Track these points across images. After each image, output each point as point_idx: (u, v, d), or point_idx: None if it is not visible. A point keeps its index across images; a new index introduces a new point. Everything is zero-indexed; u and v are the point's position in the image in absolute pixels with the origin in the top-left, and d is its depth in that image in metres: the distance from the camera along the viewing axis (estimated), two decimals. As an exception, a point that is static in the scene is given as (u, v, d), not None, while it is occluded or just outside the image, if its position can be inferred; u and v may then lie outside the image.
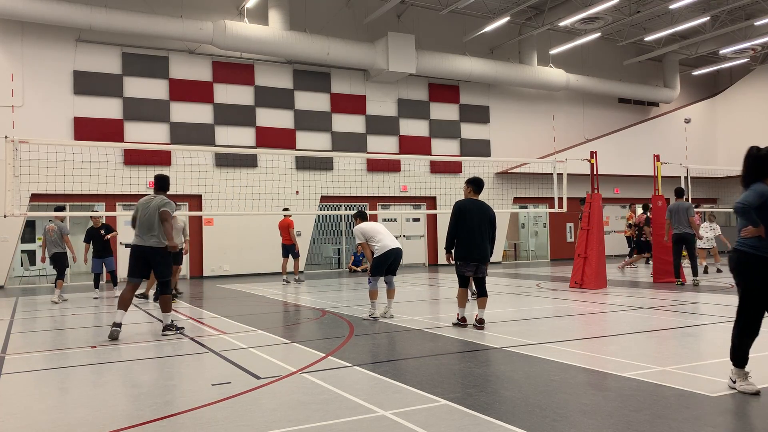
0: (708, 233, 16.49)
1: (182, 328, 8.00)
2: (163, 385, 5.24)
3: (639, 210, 17.68)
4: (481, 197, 8.09)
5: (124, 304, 7.67)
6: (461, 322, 7.89)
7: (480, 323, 7.77)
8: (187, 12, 18.66)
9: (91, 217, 13.05)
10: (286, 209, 16.12)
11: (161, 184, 8.16)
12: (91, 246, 12.71)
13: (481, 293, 7.98)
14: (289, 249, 15.54)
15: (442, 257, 22.57)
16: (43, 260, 12.38)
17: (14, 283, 17.67)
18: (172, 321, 7.95)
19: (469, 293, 9.67)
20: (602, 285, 12.53)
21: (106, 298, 12.67)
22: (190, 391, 4.94)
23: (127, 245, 7.85)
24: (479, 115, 23.75)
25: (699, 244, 15.37)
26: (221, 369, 5.79)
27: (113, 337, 7.45)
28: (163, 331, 7.78)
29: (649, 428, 3.77)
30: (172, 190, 18.35)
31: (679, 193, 13.08)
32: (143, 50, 18.50)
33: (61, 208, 12.89)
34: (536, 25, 23.00)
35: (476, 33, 22.44)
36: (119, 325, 7.57)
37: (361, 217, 9.24)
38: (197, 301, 12.05)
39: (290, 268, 16.51)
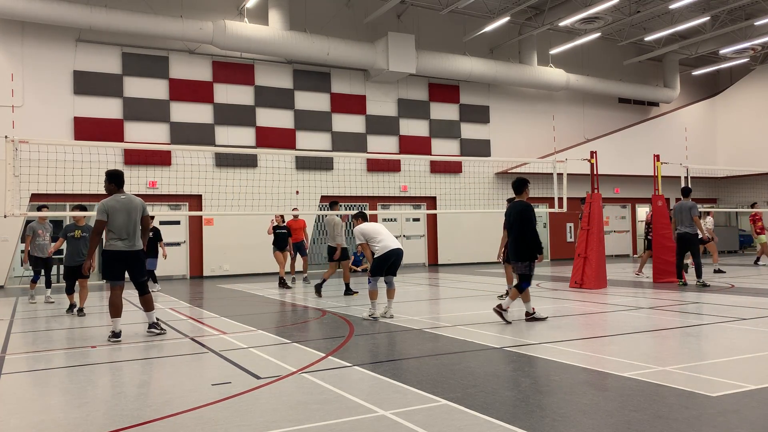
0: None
1: (164, 331, 7.81)
2: (163, 385, 5.24)
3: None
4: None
5: (118, 311, 7.49)
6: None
7: (525, 316, 8.20)
8: (187, 12, 18.67)
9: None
10: (295, 208, 16.78)
11: (121, 180, 7.77)
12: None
13: (518, 288, 8.19)
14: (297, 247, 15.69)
15: (442, 257, 22.60)
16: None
17: (14, 283, 17.66)
18: (157, 319, 7.91)
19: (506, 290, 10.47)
20: (602, 285, 12.53)
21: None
22: (190, 391, 4.94)
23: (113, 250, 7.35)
24: (479, 115, 23.75)
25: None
26: (221, 369, 5.79)
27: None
28: (148, 329, 7.73)
29: (649, 428, 3.77)
30: (173, 190, 18.52)
31: (685, 192, 12.97)
32: (143, 50, 18.50)
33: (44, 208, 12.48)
34: (536, 25, 23.00)
35: (476, 33, 22.44)
36: (119, 334, 7.47)
37: (362, 217, 9.25)
38: (197, 301, 12.06)
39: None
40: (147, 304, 7.78)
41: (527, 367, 5.56)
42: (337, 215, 13.02)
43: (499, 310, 8.04)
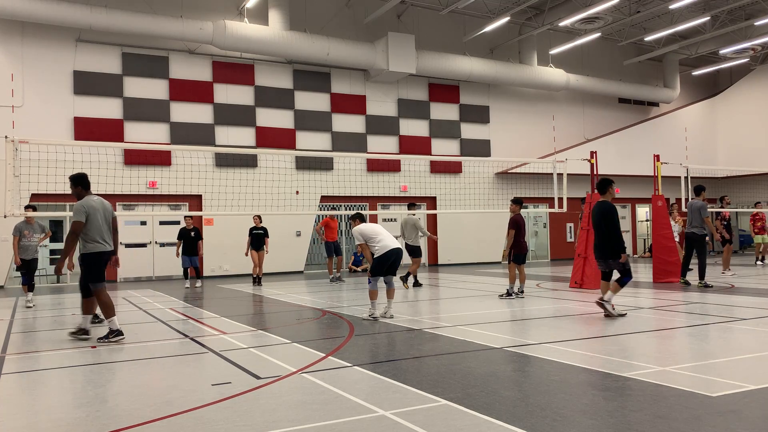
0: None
1: (121, 335, 7.37)
2: (163, 385, 5.24)
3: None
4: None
5: (112, 309, 7.39)
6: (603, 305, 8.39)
7: (602, 305, 8.40)
8: (187, 12, 18.66)
9: (184, 217, 14.84)
10: (333, 208, 17.71)
11: (88, 182, 7.62)
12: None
13: (619, 282, 8.45)
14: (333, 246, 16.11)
15: (442, 257, 22.59)
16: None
17: (14, 283, 17.65)
18: (110, 328, 7.44)
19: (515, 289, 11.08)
20: (602, 285, 12.50)
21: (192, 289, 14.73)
22: (190, 391, 4.94)
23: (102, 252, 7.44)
24: (479, 115, 23.75)
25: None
26: (221, 369, 5.79)
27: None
28: (76, 333, 7.49)
29: (649, 428, 3.77)
30: (173, 190, 18.51)
31: (696, 190, 12.96)
32: (143, 50, 18.50)
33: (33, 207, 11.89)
34: (536, 25, 23.00)
35: (476, 33, 22.44)
36: (121, 331, 7.44)
37: (360, 218, 9.26)
38: (197, 301, 12.06)
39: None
40: (88, 308, 7.59)
41: (527, 367, 5.56)
42: (414, 215, 13.99)
43: (609, 313, 8.25)
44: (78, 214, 7.28)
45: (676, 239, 16.28)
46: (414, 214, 14.12)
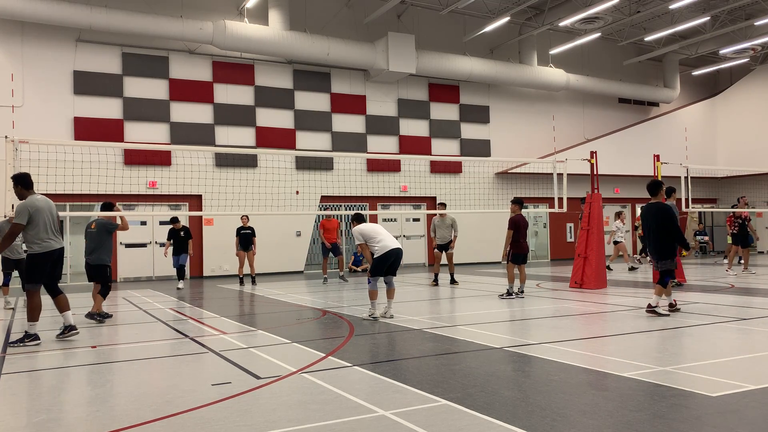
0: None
1: (37, 341, 7.26)
2: (163, 385, 5.24)
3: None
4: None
5: (38, 314, 7.25)
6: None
7: (670, 307, 8.68)
8: (187, 12, 18.66)
9: (172, 219, 14.91)
10: (327, 208, 17.99)
11: (30, 182, 7.45)
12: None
13: (661, 283, 8.56)
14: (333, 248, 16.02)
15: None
16: None
17: (14, 283, 17.63)
18: (27, 332, 7.31)
19: (515, 288, 11.16)
20: (602, 285, 12.53)
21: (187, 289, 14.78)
22: (190, 391, 4.94)
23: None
24: (479, 115, 23.75)
25: (616, 237, 17.37)
26: (221, 369, 5.79)
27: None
28: (65, 333, 7.46)
29: (649, 428, 3.77)
30: (173, 190, 18.48)
31: (667, 192, 12.79)
32: (143, 50, 18.50)
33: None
34: (536, 25, 23.00)
35: (476, 33, 22.43)
36: (74, 327, 7.51)
37: (360, 218, 9.27)
38: (197, 301, 12.06)
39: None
40: (63, 305, 7.49)
41: (527, 367, 5.56)
42: (438, 214, 14.40)
43: (652, 310, 8.39)
44: (20, 215, 7.12)
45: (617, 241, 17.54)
46: (440, 214, 14.49)
